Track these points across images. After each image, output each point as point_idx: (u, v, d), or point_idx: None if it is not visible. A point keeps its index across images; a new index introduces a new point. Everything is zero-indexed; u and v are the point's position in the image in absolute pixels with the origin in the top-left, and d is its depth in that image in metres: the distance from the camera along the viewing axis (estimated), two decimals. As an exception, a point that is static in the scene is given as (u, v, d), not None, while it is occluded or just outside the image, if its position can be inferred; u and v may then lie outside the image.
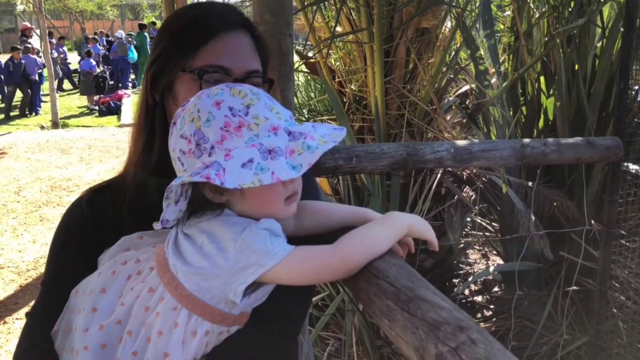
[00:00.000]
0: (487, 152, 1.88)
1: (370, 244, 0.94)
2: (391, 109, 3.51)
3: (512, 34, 3.69)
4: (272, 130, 0.88)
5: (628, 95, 2.08)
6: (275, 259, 0.86)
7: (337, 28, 3.90)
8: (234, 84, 0.95)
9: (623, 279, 2.53)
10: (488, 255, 4.43)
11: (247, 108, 0.88)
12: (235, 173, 0.82)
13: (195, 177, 0.82)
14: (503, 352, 0.70)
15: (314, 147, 0.87)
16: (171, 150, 0.92)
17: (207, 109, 0.88)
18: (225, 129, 0.86)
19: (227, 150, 0.86)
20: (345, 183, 3.56)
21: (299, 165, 0.86)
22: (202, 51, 1.04)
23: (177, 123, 0.91)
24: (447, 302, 0.82)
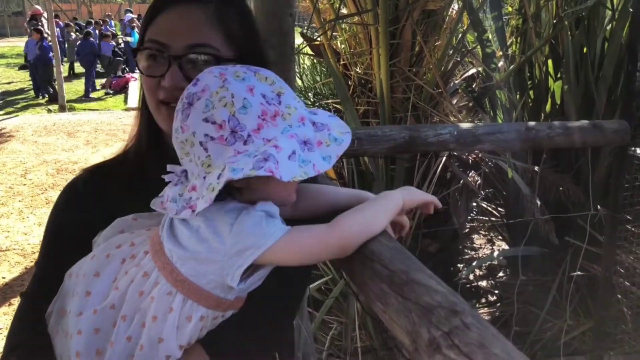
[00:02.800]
0: (491, 135, 1.85)
1: (366, 222, 0.93)
2: (396, 92, 3.47)
3: (520, 16, 3.63)
4: (301, 121, 0.88)
5: (636, 78, 2.04)
6: (271, 240, 0.85)
7: (342, 10, 3.85)
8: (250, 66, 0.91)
9: (629, 265, 2.50)
10: (493, 240, 4.40)
11: (278, 96, 0.87)
12: (286, 166, 0.81)
13: (260, 172, 0.79)
14: (497, 336, 0.68)
15: (340, 140, 0.89)
16: (186, 133, 0.87)
17: (242, 95, 0.84)
18: (262, 118, 0.84)
19: (264, 139, 0.84)
20: (350, 167, 3.54)
21: (329, 157, 0.87)
22: (150, 27, 1.02)
23: (194, 104, 0.86)
24: (442, 286, 0.81)
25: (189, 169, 0.90)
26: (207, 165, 0.86)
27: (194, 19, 1.00)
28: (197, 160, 0.86)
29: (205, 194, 0.82)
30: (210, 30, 1.01)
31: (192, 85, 0.88)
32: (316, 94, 5.30)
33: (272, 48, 1.77)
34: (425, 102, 3.45)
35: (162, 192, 0.93)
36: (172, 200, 0.89)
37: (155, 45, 1.00)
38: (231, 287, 0.87)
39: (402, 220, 1.06)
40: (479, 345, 0.66)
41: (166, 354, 0.89)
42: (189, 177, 0.90)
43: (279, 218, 0.89)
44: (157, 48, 1.00)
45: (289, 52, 1.77)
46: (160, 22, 1.01)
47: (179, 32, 1.00)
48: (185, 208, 0.86)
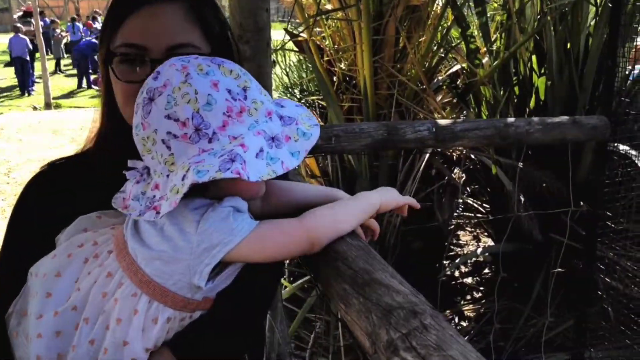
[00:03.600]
0: (470, 131, 1.84)
1: (336, 218, 0.92)
2: (381, 88, 3.45)
3: (504, 11, 3.62)
4: (268, 115, 0.86)
5: (615, 74, 2.03)
6: (239, 236, 0.83)
7: (326, 5, 3.83)
8: (214, 58, 0.88)
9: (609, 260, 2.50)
10: (479, 236, 4.40)
11: (244, 91, 0.85)
12: (254, 165, 0.79)
13: (227, 174, 0.76)
14: (455, 338, 0.67)
15: (309, 134, 0.88)
16: (147, 130, 0.84)
17: (206, 90, 0.81)
18: (227, 114, 0.82)
19: (230, 137, 0.82)
20: (334, 164, 3.52)
21: (297, 152, 0.85)
22: (121, 29, 0.97)
23: (155, 100, 0.83)
24: (405, 286, 0.79)
25: (151, 166, 0.87)
26: (170, 164, 0.83)
27: (171, 18, 0.96)
28: (160, 158, 0.84)
29: (170, 196, 0.79)
30: (189, 28, 0.97)
31: (153, 79, 0.85)
32: (302, 90, 5.27)
33: (247, 43, 1.75)
34: (409, 98, 3.43)
35: (123, 187, 0.90)
36: (135, 199, 0.86)
37: (132, 49, 0.95)
38: (199, 287, 0.84)
39: (373, 225, 1.04)
40: (436, 347, 0.65)
41: (131, 358, 0.86)
42: (152, 174, 0.87)
43: (248, 213, 0.87)
44: (135, 52, 0.95)
45: (264, 48, 1.75)
46: (133, 24, 0.96)
47: (157, 33, 0.95)
48: (148, 209, 0.82)
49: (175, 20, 0.96)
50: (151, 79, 0.85)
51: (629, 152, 2.60)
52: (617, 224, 2.38)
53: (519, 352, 2.89)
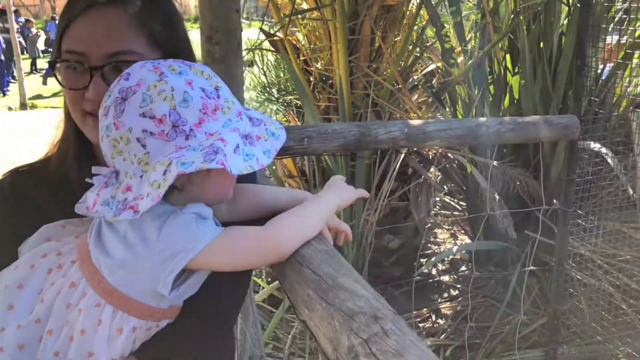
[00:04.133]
0: (442, 131, 1.84)
1: (302, 225, 0.91)
2: (357, 88, 3.46)
3: (479, 11, 3.65)
4: (239, 115, 0.87)
5: (585, 73, 2.06)
6: (202, 243, 0.82)
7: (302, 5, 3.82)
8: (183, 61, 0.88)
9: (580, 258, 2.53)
10: (457, 234, 4.43)
11: (216, 90, 0.85)
12: (233, 159, 0.79)
13: (212, 164, 0.76)
14: (415, 343, 0.66)
15: (277, 134, 0.89)
16: (121, 130, 0.82)
17: (182, 88, 0.81)
18: (203, 112, 0.82)
19: (206, 134, 0.81)
20: (311, 164, 3.52)
21: (268, 151, 0.86)
22: (65, 35, 0.95)
23: (129, 99, 0.81)
24: (368, 290, 0.79)
25: (122, 168, 0.85)
26: (144, 163, 0.82)
27: (112, 24, 0.94)
28: (133, 158, 0.82)
29: (151, 192, 0.78)
30: (132, 34, 0.95)
31: (124, 80, 0.83)
32: (280, 90, 5.25)
33: (217, 44, 1.73)
34: (385, 98, 3.44)
35: (83, 198, 0.88)
36: (104, 204, 0.83)
37: (73, 55, 0.94)
38: (163, 295, 0.83)
39: (342, 227, 1.03)
40: (396, 353, 0.64)
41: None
42: (121, 177, 0.85)
43: (212, 219, 0.86)
44: (76, 59, 0.94)
45: (235, 49, 1.73)
46: (77, 29, 0.94)
47: (97, 40, 0.93)
48: (123, 209, 0.80)
49: (117, 26, 0.94)
50: (122, 79, 0.84)
51: (601, 150, 2.63)
52: (589, 222, 2.41)
53: (495, 349, 2.91)
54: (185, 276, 0.87)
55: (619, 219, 2.74)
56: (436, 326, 3.25)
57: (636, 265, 2.73)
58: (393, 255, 3.62)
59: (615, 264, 2.78)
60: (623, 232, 2.74)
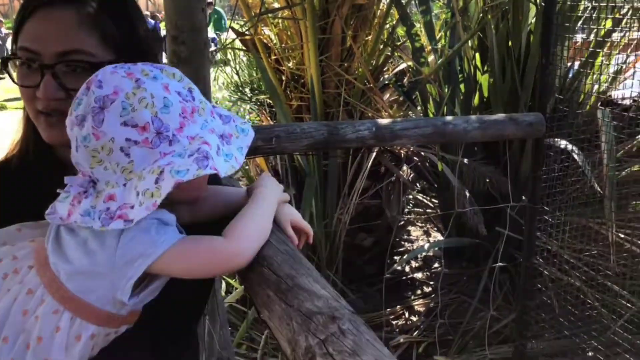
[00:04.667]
0: (409, 130, 1.86)
1: (259, 230, 0.92)
2: (328, 87, 3.46)
3: (449, 10, 3.67)
4: (212, 115, 0.87)
5: (549, 71, 2.09)
6: (161, 248, 0.81)
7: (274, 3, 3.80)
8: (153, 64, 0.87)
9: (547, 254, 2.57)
10: (430, 232, 4.46)
11: (190, 92, 0.85)
12: (219, 162, 0.80)
13: (207, 170, 0.77)
14: (372, 343, 0.67)
15: (246, 130, 0.90)
16: (102, 140, 0.80)
17: (161, 94, 0.81)
18: (183, 116, 0.82)
19: (188, 137, 0.81)
20: (283, 163, 3.51)
21: (241, 148, 0.87)
22: (21, 32, 0.95)
23: (108, 108, 0.79)
24: (327, 290, 0.79)
25: (102, 177, 0.83)
26: (128, 172, 0.81)
27: (64, 23, 0.93)
28: (116, 167, 0.81)
29: (144, 201, 0.77)
30: (84, 34, 0.94)
31: (98, 88, 0.81)
32: (253, 89, 5.24)
33: (183, 44, 1.72)
34: (356, 97, 3.44)
35: (51, 208, 0.85)
36: (85, 214, 0.81)
37: (26, 53, 0.93)
38: (123, 302, 0.82)
39: (306, 228, 1.03)
40: (352, 352, 0.65)
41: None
42: (101, 186, 0.83)
43: (174, 226, 0.85)
44: (27, 57, 0.93)
45: (201, 48, 1.72)
46: (30, 27, 0.94)
47: (48, 39, 0.92)
48: (110, 219, 0.79)
49: (68, 25, 0.93)
50: (95, 87, 0.82)
51: (568, 148, 2.67)
52: (556, 218, 2.45)
53: (467, 344, 2.94)
54: (146, 283, 0.86)
55: (586, 215, 2.79)
56: (409, 323, 3.27)
57: (603, 260, 2.78)
58: (366, 253, 3.63)
59: (583, 258, 2.83)
60: (590, 227, 2.79)
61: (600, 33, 3.05)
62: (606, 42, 3.03)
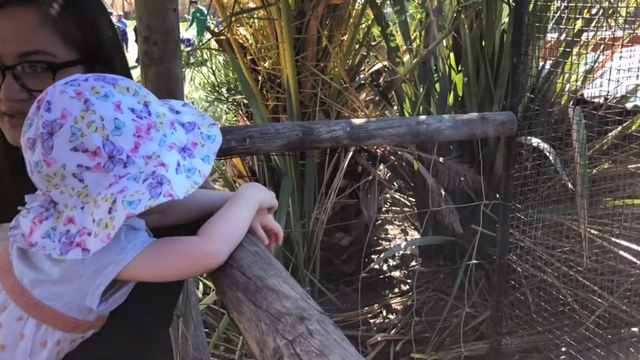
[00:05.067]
0: (384, 129, 1.86)
1: (233, 230, 0.90)
2: (305, 87, 3.46)
3: (423, 9, 3.70)
4: (172, 126, 0.83)
5: (520, 70, 2.11)
6: (131, 254, 0.80)
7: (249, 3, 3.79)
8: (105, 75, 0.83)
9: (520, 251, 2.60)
10: (407, 230, 4.49)
11: (146, 107, 0.81)
12: (178, 182, 0.77)
13: (160, 199, 0.74)
14: (339, 343, 0.67)
15: (213, 136, 0.86)
16: (53, 167, 0.77)
17: (112, 115, 0.77)
18: (137, 135, 0.78)
19: (144, 157, 0.78)
20: (260, 164, 3.51)
21: (207, 157, 0.84)
22: None
23: (56, 133, 0.76)
24: (296, 291, 0.79)
25: (60, 200, 0.81)
26: (84, 195, 0.79)
27: (25, 23, 0.91)
28: (71, 191, 0.79)
29: (99, 232, 0.75)
30: (45, 34, 0.92)
31: (46, 111, 0.77)
32: (229, 90, 5.22)
33: (155, 45, 1.71)
34: (333, 96, 3.45)
35: (14, 222, 0.83)
36: (46, 236, 0.79)
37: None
38: (91, 308, 0.82)
39: (275, 228, 1.03)
40: (319, 353, 0.65)
41: None
42: (60, 207, 0.81)
43: (143, 230, 0.84)
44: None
45: (173, 49, 1.71)
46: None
47: (9, 39, 0.91)
48: (69, 246, 0.77)
49: (28, 26, 0.91)
50: (44, 110, 0.78)
51: (540, 146, 2.71)
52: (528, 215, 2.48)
53: (444, 342, 2.97)
54: (115, 288, 0.85)
55: (558, 212, 2.83)
56: (387, 321, 3.29)
57: (576, 256, 2.82)
58: (344, 252, 3.64)
59: (556, 255, 2.87)
60: (563, 223, 2.83)
61: (571, 33, 3.10)
62: (577, 41, 3.08)
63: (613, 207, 2.76)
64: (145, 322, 0.98)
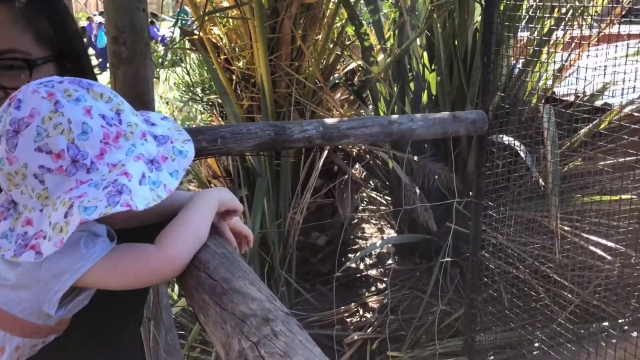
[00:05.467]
0: (356, 129, 1.87)
1: (194, 234, 0.89)
2: (279, 87, 3.45)
3: (397, 9, 3.72)
4: (143, 137, 0.83)
5: (490, 69, 2.14)
6: (90, 262, 0.79)
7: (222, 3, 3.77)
8: (80, 80, 0.82)
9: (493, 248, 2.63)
10: (383, 229, 4.51)
11: (118, 115, 0.80)
12: (139, 193, 0.76)
13: (117, 207, 0.73)
14: (304, 344, 0.67)
15: (185, 152, 0.85)
16: (15, 165, 0.76)
17: (80, 119, 0.76)
18: (104, 142, 0.77)
19: (109, 165, 0.77)
20: (235, 164, 3.49)
21: (176, 172, 0.83)
22: None
23: (22, 132, 0.75)
24: (263, 292, 0.79)
25: (19, 201, 0.80)
26: (44, 198, 0.78)
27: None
28: (31, 193, 0.78)
29: (53, 235, 0.74)
30: (17, 33, 0.92)
31: (15, 109, 0.77)
32: (204, 90, 5.19)
33: (124, 45, 1.68)
34: (307, 96, 3.45)
35: None
36: (3, 236, 0.79)
37: None
38: (49, 314, 0.80)
39: (245, 231, 1.02)
40: (283, 354, 0.65)
41: None
42: (20, 208, 0.80)
43: (104, 237, 0.83)
44: None
45: (143, 49, 1.69)
46: None
47: None
48: (24, 248, 0.76)
49: (1, 24, 0.91)
50: (13, 108, 0.78)
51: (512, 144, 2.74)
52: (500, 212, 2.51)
53: (419, 339, 2.99)
54: (75, 294, 0.84)
55: (531, 209, 2.87)
56: (363, 320, 3.30)
57: (548, 252, 2.86)
58: (320, 252, 3.64)
59: (529, 251, 2.91)
60: (535, 220, 2.87)
61: (542, 32, 3.14)
62: (548, 40, 3.12)
63: (582, 204, 2.81)
64: (108, 326, 0.97)
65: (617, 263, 2.72)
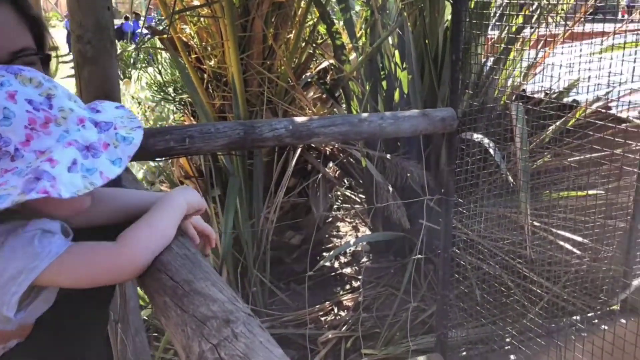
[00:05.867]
0: (326, 127, 1.86)
1: (156, 235, 0.88)
2: (251, 86, 3.43)
3: (368, 8, 3.72)
4: (80, 123, 0.80)
5: (459, 67, 2.15)
6: (46, 260, 0.77)
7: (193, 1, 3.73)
8: (9, 66, 0.80)
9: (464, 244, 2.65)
10: (358, 227, 4.52)
11: (49, 100, 0.78)
12: (66, 180, 0.72)
13: (31, 195, 0.69)
14: (264, 345, 0.67)
15: (130, 139, 0.82)
16: None
17: (1, 104, 0.74)
18: (30, 127, 0.75)
19: (37, 152, 0.74)
20: (207, 164, 3.46)
21: (119, 160, 0.80)
22: None
23: None
24: (225, 293, 0.78)
25: None
26: None
27: (10, 21, 0.89)
28: None
29: None
30: (23, 31, 0.90)
31: None
32: (176, 89, 5.14)
33: (89, 44, 1.66)
34: (280, 95, 3.43)
35: None
36: None
37: None
38: (9, 318, 0.78)
39: (207, 230, 1.01)
40: (243, 356, 0.65)
41: None
42: None
43: (59, 234, 0.81)
44: None
45: (108, 48, 1.67)
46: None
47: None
48: None
49: (10, 24, 0.89)
50: None
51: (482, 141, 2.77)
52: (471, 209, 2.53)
53: (394, 336, 3.00)
54: (33, 295, 0.82)
55: (501, 205, 2.90)
56: (338, 318, 3.30)
57: (519, 247, 2.90)
58: (295, 251, 3.64)
59: (500, 247, 2.94)
60: (506, 216, 2.90)
61: (511, 30, 3.17)
62: (517, 38, 3.16)
63: (549, 200, 2.84)
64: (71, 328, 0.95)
65: (586, 257, 2.76)
